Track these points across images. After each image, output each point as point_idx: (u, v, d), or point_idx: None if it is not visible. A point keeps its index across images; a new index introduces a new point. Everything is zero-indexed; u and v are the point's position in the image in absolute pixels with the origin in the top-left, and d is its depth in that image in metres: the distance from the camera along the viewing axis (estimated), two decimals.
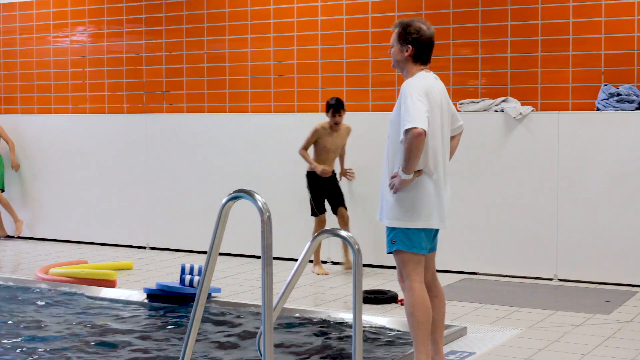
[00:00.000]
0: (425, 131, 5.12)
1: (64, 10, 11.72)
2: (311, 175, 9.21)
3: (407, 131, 5.12)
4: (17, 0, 12.09)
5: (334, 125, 9.09)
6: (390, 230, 5.38)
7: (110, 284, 8.52)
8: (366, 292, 7.89)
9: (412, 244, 5.33)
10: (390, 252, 5.42)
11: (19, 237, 11.84)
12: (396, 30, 5.48)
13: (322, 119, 9.16)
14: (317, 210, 9.21)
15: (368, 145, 9.47)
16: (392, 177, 5.31)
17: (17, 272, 9.52)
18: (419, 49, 5.41)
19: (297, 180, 9.92)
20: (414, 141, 5.10)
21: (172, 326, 7.04)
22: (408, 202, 5.30)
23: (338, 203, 9.26)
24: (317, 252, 9.15)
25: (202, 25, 10.74)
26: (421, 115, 5.14)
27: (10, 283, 8.67)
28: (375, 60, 9.71)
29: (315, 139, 9.13)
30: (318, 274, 9.10)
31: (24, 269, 9.68)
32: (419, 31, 5.40)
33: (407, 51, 5.42)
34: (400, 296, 7.76)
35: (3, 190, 11.82)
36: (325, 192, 9.24)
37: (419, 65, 5.45)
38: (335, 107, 9.02)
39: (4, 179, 11.87)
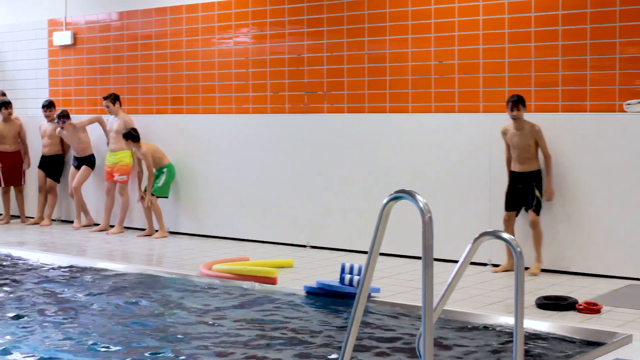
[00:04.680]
0: None
1: (228, 12, 11.99)
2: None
3: None
4: (184, 4, 12.44)
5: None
6: None
7: (271, 281, 8.67)
8: (545, 297, 7.71)
9: None
10: None
11: (182, 234, 12.18)
12: None
13: (481, 119, 9.07)
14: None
15: None
16: None
17: (182, 267, 9.79)
18: None
19: (458, 180, 9.86)
20: None
21: (332, 325, 7.11)
22: None
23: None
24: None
25: (362, 26, 10.79)
26: None
27: (176, 277, 8.97)
28: (538, 60, 9.52)
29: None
30: None
31: (188, 264, 9.94)
32: None
33: None
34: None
35: (166, 197, 12.16)
36: None
37: None
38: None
39: (170, 188, 12.21)
